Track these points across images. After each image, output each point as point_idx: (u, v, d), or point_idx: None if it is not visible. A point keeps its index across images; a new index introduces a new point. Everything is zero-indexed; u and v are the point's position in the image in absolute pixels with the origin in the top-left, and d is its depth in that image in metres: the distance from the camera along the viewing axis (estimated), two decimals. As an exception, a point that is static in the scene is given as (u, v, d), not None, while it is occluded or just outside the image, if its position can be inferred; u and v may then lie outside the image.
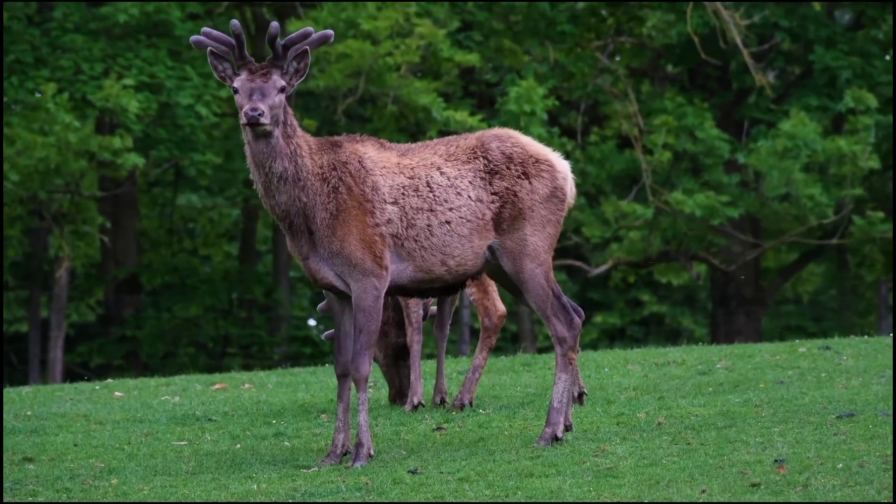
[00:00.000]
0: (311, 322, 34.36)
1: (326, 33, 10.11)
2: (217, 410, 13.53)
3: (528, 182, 10.40)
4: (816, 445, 9.72)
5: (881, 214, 29.14)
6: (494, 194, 10.37)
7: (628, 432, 10.87)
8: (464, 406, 12.62)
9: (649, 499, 8.41)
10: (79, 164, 26.60)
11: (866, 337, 17.50)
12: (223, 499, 9.13)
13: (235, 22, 9.96)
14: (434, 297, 12.74)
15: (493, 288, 12.71)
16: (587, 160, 29.61)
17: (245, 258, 34.97)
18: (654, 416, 11.62)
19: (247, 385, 15.94)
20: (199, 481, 9.79)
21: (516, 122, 26.94)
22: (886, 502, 8.05)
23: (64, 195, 28.27)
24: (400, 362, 13.17)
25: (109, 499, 9.36)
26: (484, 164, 10.41)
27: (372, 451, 10.15)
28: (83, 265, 34.14)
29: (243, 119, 9.90)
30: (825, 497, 8.21)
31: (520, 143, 10.48)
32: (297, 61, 10.07)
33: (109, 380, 17.82)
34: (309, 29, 10.07)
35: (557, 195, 10.47)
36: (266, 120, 9.92)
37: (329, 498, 8.98)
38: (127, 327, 31.53)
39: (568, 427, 10.61)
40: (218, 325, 32.86)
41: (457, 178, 10.35)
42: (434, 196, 10.29)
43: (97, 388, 16.37)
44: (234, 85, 9.99)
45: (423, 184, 10.29)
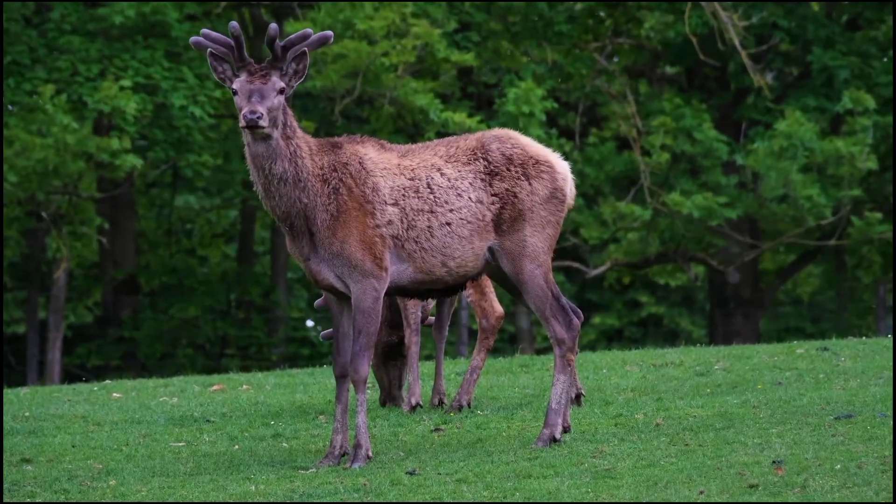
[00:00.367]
0: (310, 323, 34.36)
1: (326, 35, 10.10)
2: (215, 411, 13.53)
3: (528, 183, 10.40)
4: (814, 446, 9.72)
5: (879, 215, 29.15)
6: (494, 195, 10.36)
7: (626, 433, 10.87)
8: (462, 407, 12.62)
9: (647, 500, 8.42)
10: (77, 166, 26.60)
11: (864, 338, 17.50)
12: (221, 500, 9.13)
13: (235, 24, 9.96)
14: (434, 299, 12.77)
15: (491, 289, 12.72)
16: (585, 161, 29.61)
17: (243, 259, 34.96)
18: (652, 418, 11.63)
19: (245, 386, 15.93)
20: (198, 482, 9.79)
21: (515, 123, 26.93)
22: (885, 503, 8.06)
23: (62, 196, 28.27)
24: (390, 362, 13.15)
25: (107, 500, 9.36)
26: (484, 165, 10.40)
27: (370, 453, 10.14)
28: (81, 266, 34.13)
29: (242, 122, 9.89)
30: (823, 498, 8.21)
31: (520, 145, 10.47)
32: (295, 63, 10.06)
33: (107, 381, 17.81)
34: (308, 30, 10.06)
35: (557, 196, 10.46)
36: (265, 122, 9.91)
37: (327, 499, 8.98)
38: (125, 328, 31.52)
39: (566, 428, 10.61)
40: (216, 327, 32.86)
41: (457, 179, 10.35)
42: (434, 197, 10.28)
43: (95, 389, 16.37)
44: (234, 86, 9.97)
45: (424, 185, 10.29)
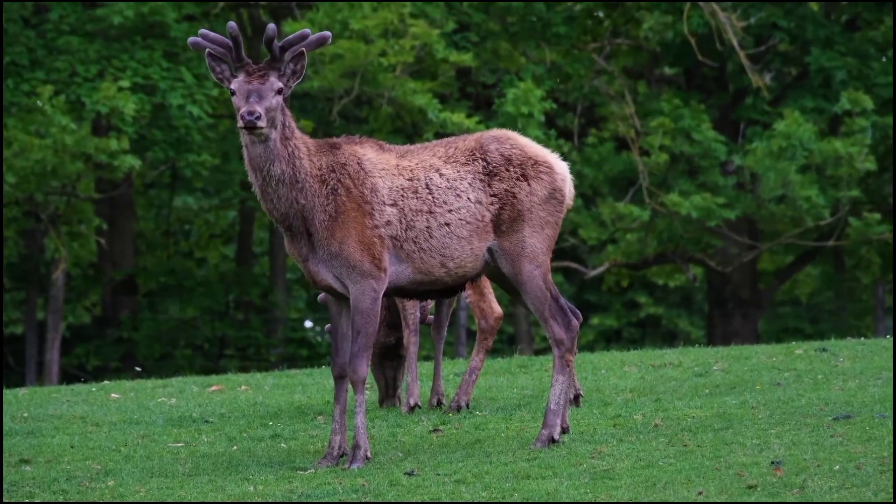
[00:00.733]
0: (308, 324, 34.36)
1: (324, 35, 10.10)
2: (213, 412, 13.52)
3: (527, 184, 10.39)
4: (813, 447, 9.72)
5: (878, 216, 29.15)
6: (493, 196, 10.36)
7: (625, 434, 10.86)
8: (460, 408, 12.61)
9: (646, 500, 8.41)
10: (75, 166, 26.58)
11: (863, 339, 17.51)
12: (220, 500, 9.12)
13: (233, 24, 9.95)
14: (433, 300, 12.76)
15: (490, 290, 12.71)
16: (584, 162, 29.61)
17: (241, 260, 34.96)
18: (650, 418, 11.62)
19: (243, 387, 15.93)
20: (196, 483, 9.78)
21: (513, 123, 26.93)
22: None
23: (60, 197, 28.25)
24: (386, 363, 13.15)
25: (106, 500, 9.35)
26: (483, 165, 10.39)
27: (369, 453, 10.14)
28: (80, 267, 34.12)
29: (240, 122, 9.88)
30: (822, 499, 8.21)
31: (518, 145, 10.47)
32: (293, 63, 10.05)
33: (106, 381, 17.80)
34: (306, 31, 10.05)
35: (556, 197, 10.46)
36: (263, 123, 9.90)
37: (326, 499, 8.97)
38: (123, 329, 31.51)
39: (565, 429, 10.60)
40: (214, 327, 32.85)
41: (456, 179, 10.34)
42: (433, 198, 10.28)
43: (94, 389, 16.36)
44: (232, 87, 9.97)
45: (423, 185, 10.28)
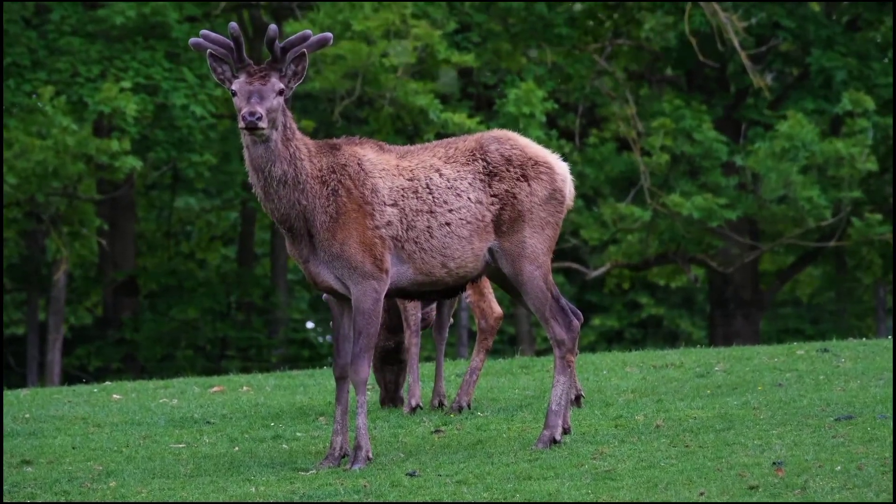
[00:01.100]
0: (310, 324, 34.37)
1: (325, 36, 10.10)
2: (215, 413, 13.53)
3: (528, 184, 10.39)
4: (815, 448, 9.72)
5: (879, 217, 29.14)
6: (494, 196, 10.35)
7: (626, 435, 10.86)
8: (462, 408, 12.61)
9: (647, 501, 8.41)
10: (76, 167, 26.58)
11: (864, 339, 17.50)
12: (221, 501, 9.12)
13: (234, 25, 9.95)
14: (434, 301, 12.75)
15: (490, 290, 12.71)
16: (585, 162, 29.60)
17: (243, 261, 34.96)
18: (652, 419, 11.62)
19: (245, 388, 15.93)
20: (198, 484, 9.78)
21: (515, 124, 26.93)
22: None
23: (61, 198, 28.25)
24: (387, 367, 13.15)
25: (108, 501, 9.35)
26: (483, 165, 10.39)
27: (370, 454, 10.14)
28: (81, 268, 34.12)
29: (241, 123, 9.88)
30: (823, 499, 8.21)
31: (519, 146, 10.46)
32: (295, 64, 10.05)
33: (107, 382, 17.81)
34: (307, 32, 10.06)
35: (556, 197, 10.45)
36: (264, 124, 9.90)
37: (327, 500, 8.97)
38: (125, 330, 31.51)
39: (566, 429, 10.60)
40: (216, 328, 32.85)
41: (456, 179, 10.34)
42: (434, 198, 10.27)
43: (95, 390, 16.37)
44: (233, 87, 9.97)
45: (423, 186, 10.27)
